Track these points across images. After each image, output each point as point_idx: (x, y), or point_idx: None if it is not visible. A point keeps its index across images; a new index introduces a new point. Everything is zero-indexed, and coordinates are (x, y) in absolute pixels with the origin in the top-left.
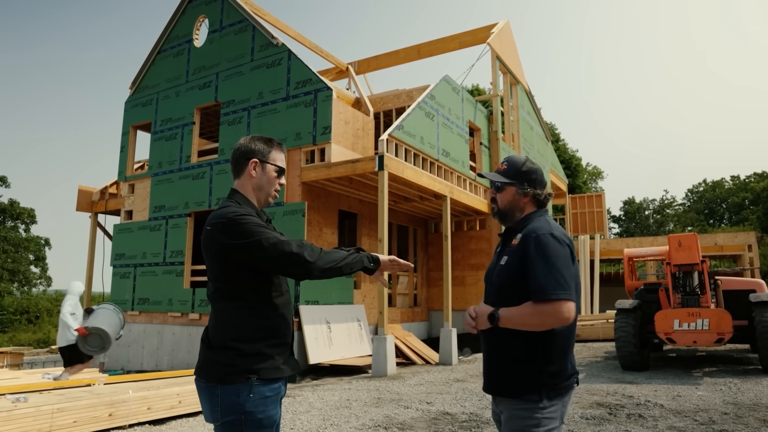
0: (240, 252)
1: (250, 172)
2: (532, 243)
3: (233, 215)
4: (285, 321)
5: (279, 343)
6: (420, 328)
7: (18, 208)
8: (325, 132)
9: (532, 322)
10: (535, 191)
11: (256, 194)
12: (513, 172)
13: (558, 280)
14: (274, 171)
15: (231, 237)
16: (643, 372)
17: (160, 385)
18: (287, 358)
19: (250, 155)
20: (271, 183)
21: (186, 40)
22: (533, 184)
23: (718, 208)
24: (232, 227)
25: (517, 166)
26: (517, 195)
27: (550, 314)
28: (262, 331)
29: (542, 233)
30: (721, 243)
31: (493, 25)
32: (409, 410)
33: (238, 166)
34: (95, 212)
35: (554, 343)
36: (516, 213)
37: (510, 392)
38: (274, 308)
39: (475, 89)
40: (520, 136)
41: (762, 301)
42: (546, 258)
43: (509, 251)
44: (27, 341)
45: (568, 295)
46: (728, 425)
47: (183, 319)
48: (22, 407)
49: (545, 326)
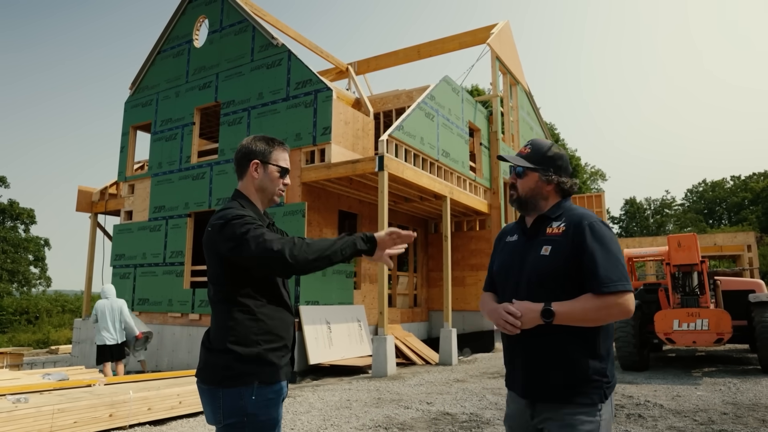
0: (233, 254)
1: (252, 173)
2: (587, 231)
3: (230, 217)
4: (285, 323)
5: (279, 347)
6: (420, 329)
7: (17, 208)
8: (325, 132)
9: (597, 317)
10: (560, 179)
11: (259, 195)
12: (538, 156)
13: (622, 271)
14: (276, 171)
15: (225, 239)
16: (643, 372)
17: (160, 385)
18: (286, 361)
19: (252, 156)
20: (274, 183)
21: (186, 40)
22: (559, 171)
23: (718, 209)
24: (226, 229)
25: (543, 150)
26: (540, 182)
27: (617, 306)
28: (262, 334)
29: (596, 221)
30: (721, 243)
31: (493, 26)
32: (409, 410)
33: (241, 167)
34: (95, 213)
35: (608, 340)
36: (539, 201)
37: (567, 398)
38: (274, 311)
39: (475, 89)
40: (519, 136)
41: (761, 301)
42: (606, 247)
43: (551, 240)
44: (26, 342)
45: (631, 287)
46: (727, 425)
47: (183, 320)
48: (22, 408)
49: (610, 319)
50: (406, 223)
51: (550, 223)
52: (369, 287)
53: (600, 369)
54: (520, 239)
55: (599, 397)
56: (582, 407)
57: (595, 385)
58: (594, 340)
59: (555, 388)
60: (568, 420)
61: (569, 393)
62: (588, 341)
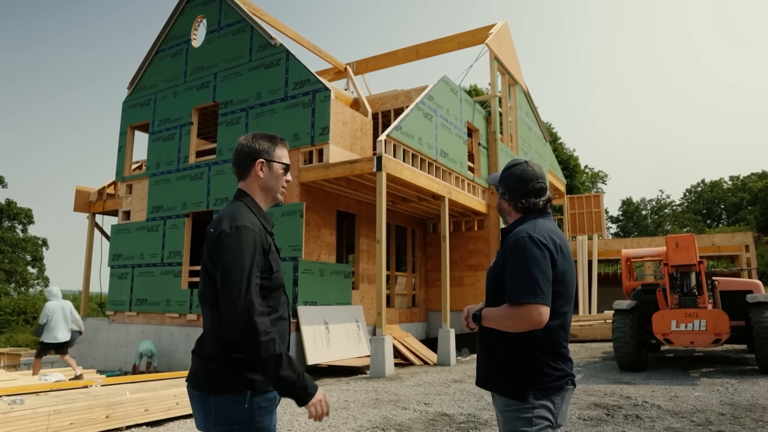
0: (214, 269)
1: (257, 173)
2: (510, 245)
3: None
4: (281, 331)
5: None
6: (418, 329)
7: (15, 208)
8: (324, 133)
9: (506, 324)
10: (512, 197)
11: (264, 195)
12: (499, 176)
13: (529, 285)
14: (281, 169)
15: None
16: (641, 372)
17: (157, 386)
18: None
19: (256, 155)
20: (279, 181)
21: (184, 40)
22: (510, 190)
23: (716, 209)
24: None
25: (503, 170)
26: (501, 200)
27: (521, 317)
28: None
29: (521, 236)
30: (719, 243)
31: (492, 26)
32: (406, 411)
33: (243, 167)
34: (93, 213)
35: (538, 343)
36: (506, 217)
37: (499, 389)
38: (273, 318)
39: (473, 90)
40: (518, 136)
41: (759, 301)
42: (520, 261)
43: (498, 253)
44: (24, 342)
45: (539, 300)
46: (725, 426)
47: (181, 320)
48: (18, 409)
49: (518, 328)
50: (404, 224)
51: (507, 236)
52: (367, 287)
53: (530, 368)
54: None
55: (531, 393)
56: (515, 401)
57: (524, 382)
58: (525, 342)
59: (491, 380)
60: (505, 412)
61: (502, 386)
62: (518, 343)
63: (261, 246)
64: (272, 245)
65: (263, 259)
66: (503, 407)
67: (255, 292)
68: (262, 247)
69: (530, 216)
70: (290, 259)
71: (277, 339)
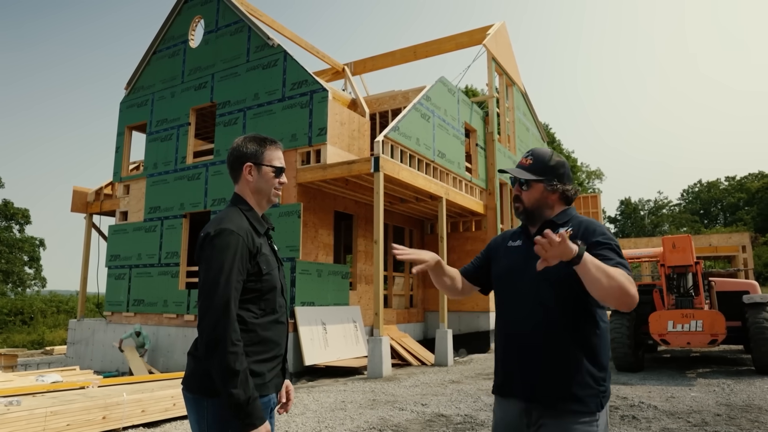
0: (200, 276)
1: (246, 177)
2: (596, 228)
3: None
4: (278, 334)
5: (269, 358)
6: (416, 329)
7: (12, 208)
8: (321, 133)
9: (617, 284)
10: (564, 187)
11: (256, 198)
12: (541, 167)
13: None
14: (271, 172)
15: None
16: (638, 373)
17: (154, 387)
18: (276, 373)
19: (243, 159)
20: (270, 184)
21: (181, 40)
22: (562, 179)
23: (713, 209)
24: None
25: (545, 159)
26: (545, 192)
27: (633, 288)
28: (252, 345)
29: (599, 224)
30: (716, 244)
31: (489, 27)
32: (404, 412)
33: (234, 171)
34: (90, 213)
35: (607, 351)
36: (545, 211)
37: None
38: (267, 322)
39: (470, 90)
40: (516, 137)
41: (755, 302)
42: (616, 244)
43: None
44: (21, 342)
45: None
46: (720, 427)
47: (178, 321)
48: (14, 410)
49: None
50: (402, 224)
51: (557, 228)
52: (365, 288)
53: (599, 377)
54: (525, 244)
55: (596, 405)
56: (581, 415)
57: (593, 393)
58: (596, 347)
59: (556, 394)
60: (568, 428)
61: (569, 399)
62: (589, 348)
63: (246, 249)
64: (262, 247)
65: (250, 263)
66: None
67: (232, 297)
68: (248, 251)
69: (572, 206)
70: (287, 259)
71: (240, 354)
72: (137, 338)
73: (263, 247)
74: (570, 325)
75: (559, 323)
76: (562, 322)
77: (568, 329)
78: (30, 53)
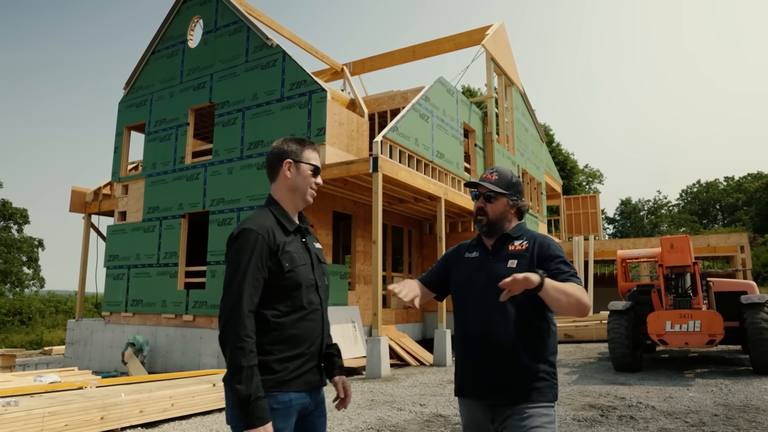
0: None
1: (284, 173)
2: (549, 243)
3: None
4: (306, 332)
5: (295, 355)
6: (414, 329)
7: (10, 208)
8: (320, 133)
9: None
10: (521, 202)
11: (292, 196)
12: (505, 182)
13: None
14: (309, 170)
15: (227, 254)
16: (636, 373)
17: (152, 387)
18: (304, 371)
19: (284, 156)
20: (307, 181)
21: (180, 40)
22: (520, 196)
23: (712, 209)
24: (231, 244)
25: (508, 176)
26: (507, 205)
27: (586, 299)
28: (275, 344)
29: (550, 238)
30: (714, 244)
31: (488, 27)
32: (402, 412)
33: (273, 169)
34: (89, 213)
35: (556, 345)
36: (504, 224)
37: (536, 398)
38: (294, 319)
39: (469, 90)
40: (514, 137)
41: (753, 302)
42: (565, 257)
43: (516, 255)
44: (20, 343)
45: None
46: (718, 427)
47: (177, 321)
48: (12, 411)
49: (580, 307)
50: (400, 224)
51: (512, 241)
52: (363, 288)
53: (551, 372)
54: (482, 256)
55: (553, 395)
56: (541, 403)
57: (549, 384)
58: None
59: (518, 389)
60: (529, 412)
61: (530, 391)
62: (544, 346)
63: (266, 247)
64: (286, 245)
65: (271, 260)
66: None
67: (245, 294)
68: (269, 248)
69: (523, 221)
70: None
71: (248, 351)
72: (134, 347)
73: (289, 245)
74: (526, 325)
75: (517, 324)
76: (519, 324)
77: (525, 329)
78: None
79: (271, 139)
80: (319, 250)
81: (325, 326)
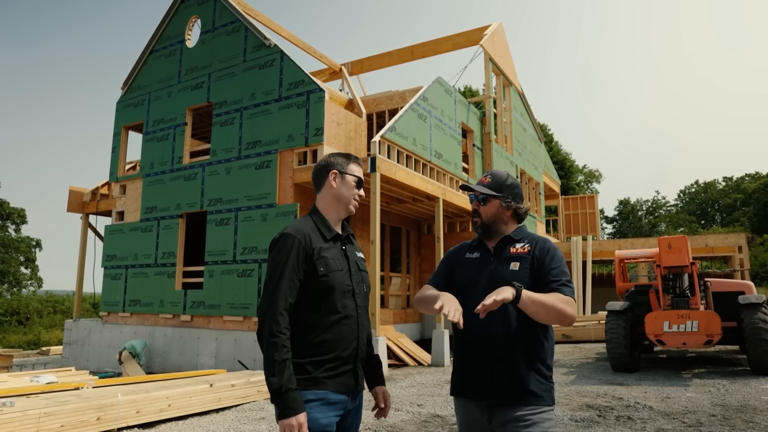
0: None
1: (330, 182)
2: (549, 248)
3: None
4: (341, 336)
5: (328, 359)
6: (413, 330)
7: (8, 208)
8: (318, 133)
9: (556, 311)
10: (517, 205)
11: (335, 205)
12: (498, 185)
13: (572, 286)
14: (353, 181)
15: (268, 257)
16: (634, 373)
17: (149, 388)
18: (339, 373)
19: (330, 167)
20: (351, 192)
21: (178, 40)
22: (516, 198)
23: (710, 210)
24: (272, 248)
25: (502, 179)
26: (500, 208)
27: (573, 309)
28: (308, 348)
29: (549, 242)
30: (712, 244)
31: (487, 27)
32: (399, 413)
33: (319, 179)
34: (86, 213)
35: (553, 349)
36: (500, 226)
37: (536, 402)
38: (328, 323)
39: (467, 91)
40: (513, 137)
41: (750, 302)
42: (564, 263)
43: (517, 258)
44: (17, 343)
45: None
46: (715, 427)
47: (174, 321)
48: (8, 411)
49: (563, 318)
50: (398, 224)
51: (513, 243)
52: None
53: (548, 375)
54: (483, 257)
55: (551, 399)
56: (540, 407)
57: (547, 388)
58: (546, 349)
59: (518, 391)
60: (533, 419)
61: (529, 395)
62: (543, 349)
63: (303, 250)
64: (322, 251)
65: (307, 263)
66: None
67: (281, 293)
68: (305, 252)
69: (524, 224)
70: None
71: (281, 346)
72: (132, 355)
73: (326, 251)
74: (526, 329)
75: (518, 328)
76: (520, 327)
77: (525, 333)
78: (30, 53)
79: (269, 139)
80: (361, 258)
81: (361, 331)
